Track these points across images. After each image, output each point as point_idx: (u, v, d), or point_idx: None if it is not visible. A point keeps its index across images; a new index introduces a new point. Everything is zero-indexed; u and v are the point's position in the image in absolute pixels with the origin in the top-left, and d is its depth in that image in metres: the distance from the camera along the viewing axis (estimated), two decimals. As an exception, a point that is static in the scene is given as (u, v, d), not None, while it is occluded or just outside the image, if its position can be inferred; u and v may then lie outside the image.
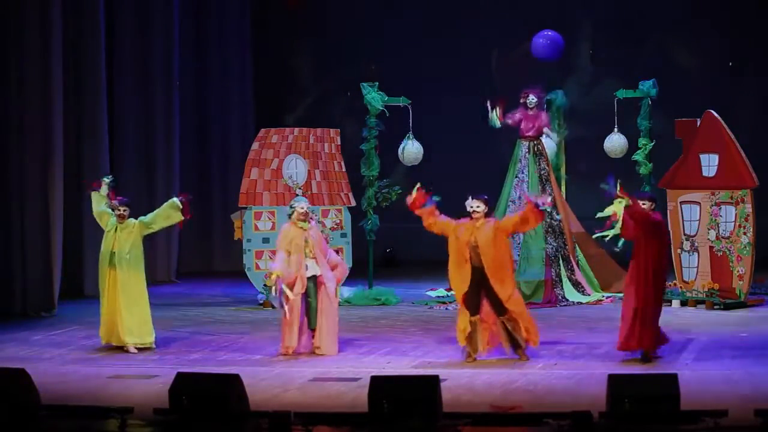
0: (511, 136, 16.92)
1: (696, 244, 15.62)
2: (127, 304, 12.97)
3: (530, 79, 16.93)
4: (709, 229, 15.53)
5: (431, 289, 17.13)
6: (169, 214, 13.25)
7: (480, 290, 12.06)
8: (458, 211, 13.27)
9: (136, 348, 12.87)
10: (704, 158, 15.64)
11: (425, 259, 19.68)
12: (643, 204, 11.94)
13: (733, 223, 15.32)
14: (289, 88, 21.22)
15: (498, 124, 16.47)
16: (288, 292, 12.48)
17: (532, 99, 16.64)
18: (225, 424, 8.84)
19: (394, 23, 21.15)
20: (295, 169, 16.46)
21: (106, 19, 17.54)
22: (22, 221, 15.43)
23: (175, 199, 13.31)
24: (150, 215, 13.30)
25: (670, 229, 15.84)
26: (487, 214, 12.19)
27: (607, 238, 11.98)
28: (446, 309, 15.75)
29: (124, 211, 13.18)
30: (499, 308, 12.02)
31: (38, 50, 15.41)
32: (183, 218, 13.24)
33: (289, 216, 12.82)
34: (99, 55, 17.18)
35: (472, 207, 12.04)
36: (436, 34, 21.01)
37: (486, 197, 12.19)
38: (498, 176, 16.86)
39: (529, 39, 17.39)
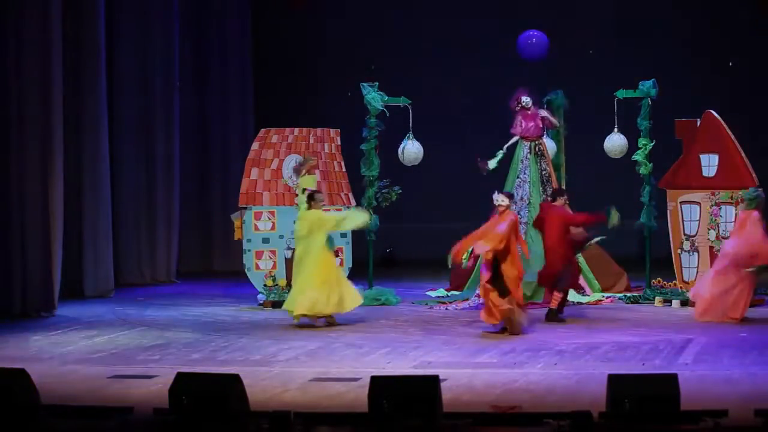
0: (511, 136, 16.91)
1: (696, 244, 15.63)
2: None
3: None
4: (709, 229, 15.54)
5: (431, 289, 17.15)
6: None
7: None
8: (457, 211, 13.31)
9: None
10: (704, 158, 15.65)
11: (425, 259, 19.68)
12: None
13: (733, 223, 15.32)
14: (289, 88, 21.23)
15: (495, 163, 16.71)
16: None
17: (526, 100, 16.67)
18: (225, 424, 8.84)
19: (394, 23, 21.17)
20: (296, 169, 16.47)
21: (107, 19, 17.55)
22: (22, 221, 15.42)
23: None
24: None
25: (670, 229, 15.91)
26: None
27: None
28: (446, 309, 15.75)
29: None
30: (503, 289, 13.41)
31: (38, 51, 15.40)
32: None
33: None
34: (99, 55, 17.19)
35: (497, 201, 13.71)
36: (436, 35, 21.03)
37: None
38: (499, 176, 16.86)
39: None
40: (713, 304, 14.25)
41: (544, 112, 16.79)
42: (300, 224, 14.44)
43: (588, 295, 16.29)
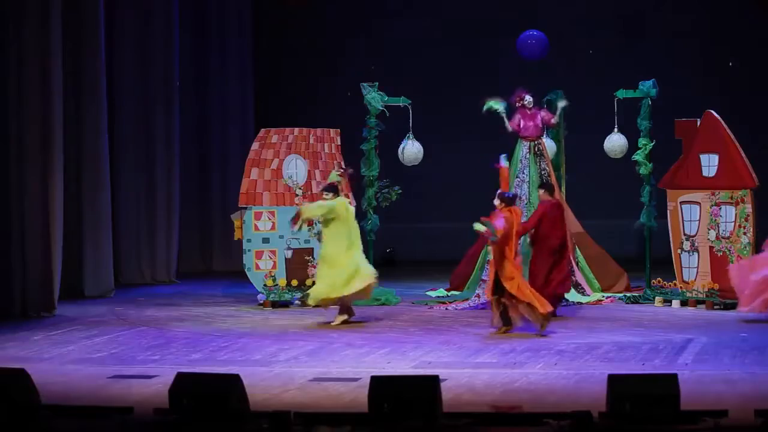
0: (512, 136, 16.90)
1: (696, 244, 15.63)
2: None
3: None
4: (709, 229, 15.54)
5: (431, 289, 17.14)
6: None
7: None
8: (457, 211, 13.31)
9: None
10: (704, 158, 15.65)
11: (425, 259, 19.71)
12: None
13: (733, 223, 15.32)
14: (289, 88, 21.22)
15: (499, 106, 16.46)
16: None
17: (528, 99, 16.66)
18: (225, 424, 8.84)
19: (394, 23, 21.16)
20: (295, 169, 16.47)
21: (106, 19, 17.55)
22: (22, 221, 15.42)
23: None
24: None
25: (670, 229, 15.91)
26: None
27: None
28: (446, 309, 15.75)
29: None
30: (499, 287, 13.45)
31: (37, 51, 15.39)
32: None
33: None
34: (99, 55, 17.18)
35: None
36: (437, 34, 21.02)
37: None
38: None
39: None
40: (758, 295, 14.17)
41: (543, 112, 16.75)
42: (343, 212, 14.52)
43: (588, 295, 16.29)
